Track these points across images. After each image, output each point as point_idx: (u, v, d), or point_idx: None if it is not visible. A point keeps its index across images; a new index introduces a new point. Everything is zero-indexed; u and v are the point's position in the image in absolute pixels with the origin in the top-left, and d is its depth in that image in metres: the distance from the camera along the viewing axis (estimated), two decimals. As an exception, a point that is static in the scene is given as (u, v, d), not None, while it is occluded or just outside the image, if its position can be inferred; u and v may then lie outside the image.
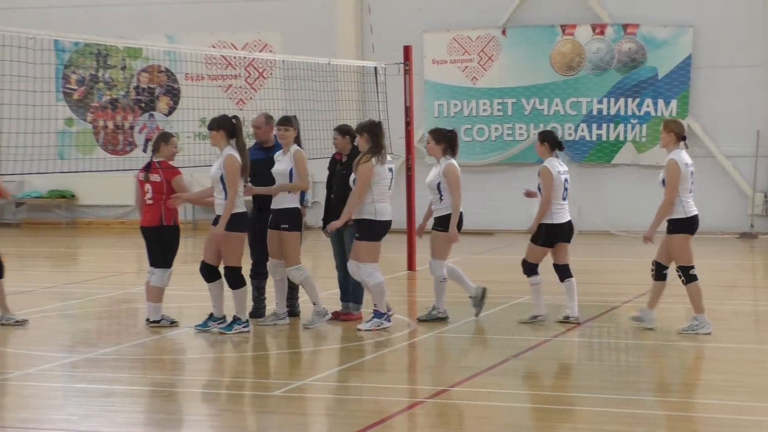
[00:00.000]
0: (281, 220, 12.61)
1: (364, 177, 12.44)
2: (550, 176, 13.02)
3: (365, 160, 12.51)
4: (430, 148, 13.15)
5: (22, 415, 9.35)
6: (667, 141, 12.41)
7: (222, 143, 12.28)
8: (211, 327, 12.40)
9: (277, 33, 25.72)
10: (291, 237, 12.63)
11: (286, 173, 12.62)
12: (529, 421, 9.12)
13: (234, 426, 9.00)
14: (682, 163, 12.28)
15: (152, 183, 12.75)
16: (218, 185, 12.24)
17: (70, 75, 26.89)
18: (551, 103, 24.32)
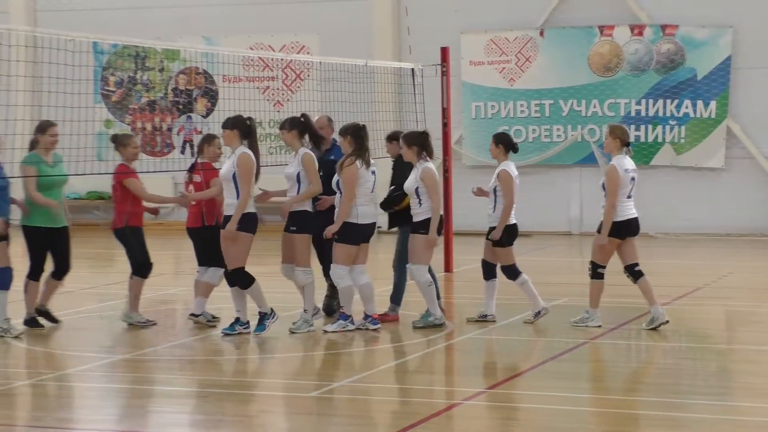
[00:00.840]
0: (290, 222, 12.52)
1: (351, 180, 12.47)
2: (510, 180, 13.07)
3: (349, 163, 12.52)
4: (404, 153, 12.89)
5: (61, 415, 9.40)
6: (612, 146, 12.86)
7: (235, 143, 12.21)
8: (237, 331, 12.33)
9: (314, 35, 25.75)
10: (300, 239, 12.51)
11: (293, 176, 12.50)
12: (567, 423, 9.08)
13: (271, 427, 9.02)
14: (622, 169, 12.76)
15: (195, 184, 12.89)
16: (229, 185, 12.11)
17: (108, 77, 27.03)
18: (589, 105, 24.23)
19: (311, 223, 12.62)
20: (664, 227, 23.75)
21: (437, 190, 12.77)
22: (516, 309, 13.80)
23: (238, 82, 24.68)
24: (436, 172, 12.83)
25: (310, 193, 12.52)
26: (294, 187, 12.53)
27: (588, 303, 12.95)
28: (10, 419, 9.28)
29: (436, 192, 12.71)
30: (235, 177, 12.03)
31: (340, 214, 12.53)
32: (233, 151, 12.25)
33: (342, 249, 12.56)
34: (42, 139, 12.77)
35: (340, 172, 12.55)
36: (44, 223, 12.67)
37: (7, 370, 11.01)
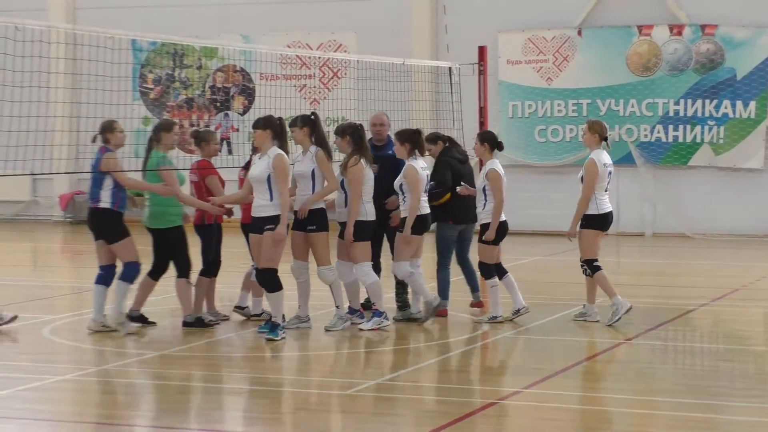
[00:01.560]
0: (308, 221, 12.41)
1: (358, 179, 12.53)
2: (500, 179, 13.08)
3: (355, 162, 12.56)
4: (396, 149, 12.96)
5: (98, 410, 9.46)
6: (591, 141, 13.20)
7: (267, 144, 12.02)
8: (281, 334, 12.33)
9: (351, 33, 25.78)
10: (319, 237, 12.44)
11: (307, 174, 12.42)
12: (603, 424, 9.05)
13: (306, 425, 9.03)
14: (601, 163, 13.06)
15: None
16: (262, 186, 11.92)
17: (146, 74, 27.16)
18: (627, 104, 24.15)
19: (327, 221, 12.59)
20: (701, 228, 23.63)
21: (417, 188, 12.74)
22: (552, 309, 13.77)
23: (276, 80, 24.72)
24: (419, 171, 12.78)
25: (327, 190, 12.49)
26: (308, 185, 12.43)
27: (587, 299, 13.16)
28: (52, 414, 9.34)
29: (414, 190, 12.74)
30: (270, 179, 11.91)
31: (353, 214, 12.53)
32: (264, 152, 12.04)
33: (360, 247, 12.60)
34: (166, 137, 12.81)
35: (345, 172, 12.56)
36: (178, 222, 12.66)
37: (49, 365, 11.08)
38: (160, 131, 12.77)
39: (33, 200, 28.11)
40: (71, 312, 14.64)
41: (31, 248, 23.70)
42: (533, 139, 24.61)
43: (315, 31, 25.98)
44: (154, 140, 12.72)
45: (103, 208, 12.45)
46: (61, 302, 15.60)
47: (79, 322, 13.73)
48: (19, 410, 9.34)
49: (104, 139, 12.69)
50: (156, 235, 12.68)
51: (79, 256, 22.31)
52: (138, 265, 12.47)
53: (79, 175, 26.76)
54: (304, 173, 12.45)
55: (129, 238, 12.45)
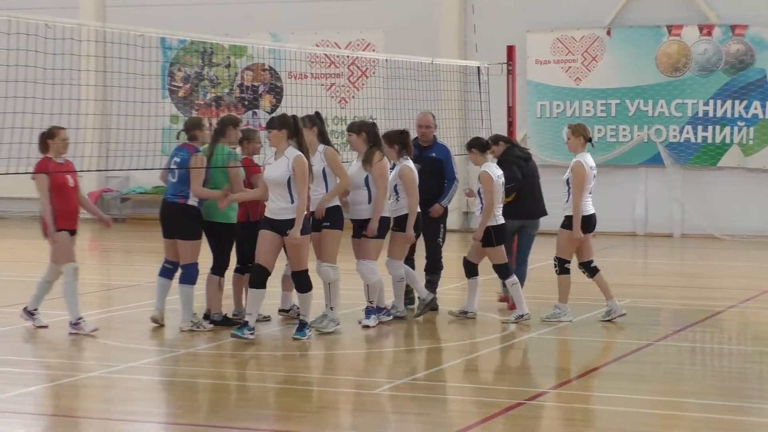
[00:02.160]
0: (323, 218, 12.33)
1: (384, 175, 12.55)
2: (491, 181, 13.07)
3: (379, 158, 12.55)
4: (386, 151, 12.92)
5: (127, 407, 9.49)
6: (576, 144, 13.22)
7: (283, 144, 11.82)
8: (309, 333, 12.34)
9: (380, 32, 25.79)
10: (332, 234, 12.38)
11: (319, 173, 12.31)
12: (630, 425, 9.02)
13: (332, 423, 9.04)
14: (587, 166, 13.12)
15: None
16: (282, 189, 11.73)
17: (175, 72, 27.24)
18: (656, 105, 24.06)
19: (343, 219, 12.53)
20: (730, 229, 23.53)
21: (414, 188, 12.85)
22: (579, 309, 13.74)
23: (304, 79, 24.76)
24: (414, 171, 12.80)
25: (340, 188, 12.41)
26: (321, 184, 12.35)
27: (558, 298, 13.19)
28: (78, 411, 9.38)
29: (412, 190, 12.85)
30: (290, 181, 11.70)
31: (378, 210, 12.53)
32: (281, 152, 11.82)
33: (376, 244, 12.61)
34: (232, 133, 12.85)
35: (369, 168, 12.54)
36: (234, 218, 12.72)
37: (77, 362, 11.13)
38: (227, 125, 12.76)
39: (62, 197, 28.20)
40: (99, 309, 14.69)
41: (59, 245, 23.76)
42: (561, 139, 24.50)
43: (344, 30, 26.00)
44: (220, 135, 12.69)
45: (190, 206, 12.48)
46: (89, 299, 15.66)
47: (108, 320, 13.81)
48: (48, 406, 9.39)
49: (192, 136, 12.73)
50: (217, 229, 12.63)
51: (107, 253, 22.40)
52: (195, 265, 12.53)
53: (108, 173, 26.88)
54: (315, 173, 12.29)
55: (199, 240, 12.49)
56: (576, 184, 13.04)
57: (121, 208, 27.62)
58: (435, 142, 13.94)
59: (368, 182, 12.63)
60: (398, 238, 12.94)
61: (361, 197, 12.68)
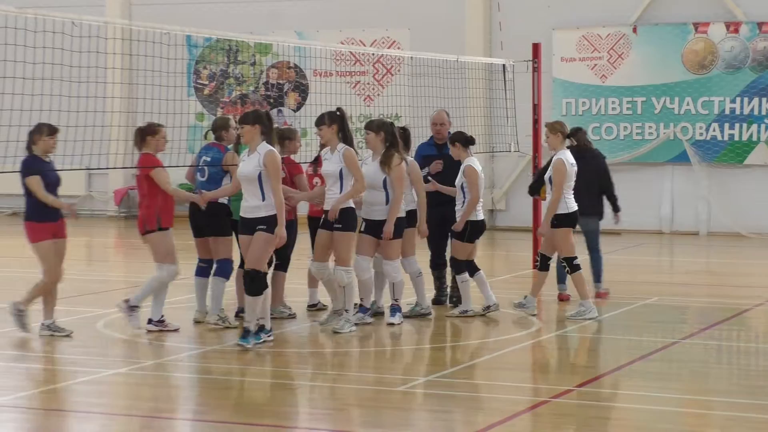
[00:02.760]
0: (335, 220, 12.15)
1: (403, 177, 12.52)
2: (476, 174, 13.11)
3: (398, 161, 12.47)
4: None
5: (152, 404, 9.51)
6: (555, 142, 13.25)
7: (256, 140, 11.36)
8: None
9: (405, 30, 25.78)
10: (345, 237, 12.19)
11: (336, 173, 12.16)
12: (657, 423, 8.99)
13: (358, 420, 9.04)
14: (568, 163, 13.10)
15: (319, 176, 12.94)
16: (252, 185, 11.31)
17: (201, 70, 27.30)
18: (682, 102, 23.97)
19: (356, 221, 12.39)
20: (757, 227, 23.42)
21: (421, 184, 13.00)
22: (605, 308, 13.70)
23: (329, 77, 24.78)
24: (403, 169, 12.61)
25: (356, 190, 12.22)
26: (336, 184, 12.18)
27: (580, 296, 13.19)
28: (106, 408, 9.41)
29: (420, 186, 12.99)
30: (261, 177, 11.27)
31: (394, 212, 12.46)
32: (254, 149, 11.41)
33: (397, 244, 12.57)
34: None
35: (388, 171, 12.41)
36: None
37: (103, 359, 11.16)
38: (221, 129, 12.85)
39: (88, 195, 28.35)
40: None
41: (85, 242, 23.88)
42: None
43: (369, 27, 26.00)
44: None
45: (220, 204, 12.51)
46: (115, 296, 15.68)
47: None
48: (75, 403, 9.42)
49: (219, 136, 12.79)
50: None
51: (133, 250, 22.45)
52: (232, 262, 12.57)
53: (133, 170, 26.96)
54: (332, 172, 12.18)
55: (231, 237, 12.58)
56: (558, 181, 13.07)
57: (146, 205, 27.65)
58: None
59: (386, 184, 12.53)
60: (407, 234, 12.88)
61: (379, 198, 12.55)
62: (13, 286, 16.09)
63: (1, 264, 19.53)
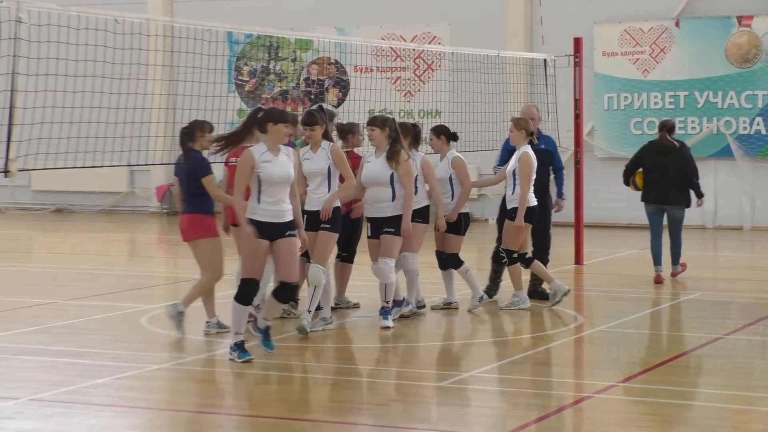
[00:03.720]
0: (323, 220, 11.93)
1: (412, 173, 12.43)
2: (465, 165, 13.31)
3: (407, 157, 12.37)
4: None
5: (194, 399, 9.55)
6: (518, 138, 13.25)
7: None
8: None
9: (445, 25, 25.74)
10: (329, 237, 11.94)
11: (324, 172, 11.95)
12: (702, 420, 8.93)
13: (402, 416, 9.03)
14: (533, 157, 13.15)
15: None
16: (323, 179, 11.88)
17: (242, 67, 27.37)
18: (725, 96, 23.80)
19: (341, 222, 12.16)
20: (801, 222, 23.25)
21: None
22: (647, 303, 13.64)
23: (369, 73, 24.79)
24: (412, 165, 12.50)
25: (347, 188, 12.00)
26: (324, 183, 11.96)
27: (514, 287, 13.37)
28: (148, 402, 9.45)
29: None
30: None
31: (408, 209, 12.30)
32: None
33: (397, 243, 12.41)
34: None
35: (396, 166, 12.23)
36: None
37: (145, 354, 11.21)
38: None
39: (130, 191, 28.49)
40: (168, 301, 14.79)
41: (128, 239, 24.02)
42: (629, 131, 24.38)
43: (409, 23, 25.98)
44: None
45: None
46: (157, 292, 15.79)
47: (176, 312, 13.89)
48: (117, 398, 9.46)
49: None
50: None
51: (175, 246, 22.55)
52: None
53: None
54: (319, 171, 11.93)
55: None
56: (526, 175, 13.07)
57: (188, 201, 27.74)
58: (540, 134, 14.17)
59: (393, 180, 12.33)
60: (416, 229, 12.67)
61: (384, 195, 12.34)
62: (55, 282, 16.21)
63: (45, 260, 19.67)
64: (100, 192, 28.37)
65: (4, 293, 15.01)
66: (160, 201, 27.83)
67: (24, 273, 17.40)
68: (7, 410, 8.95)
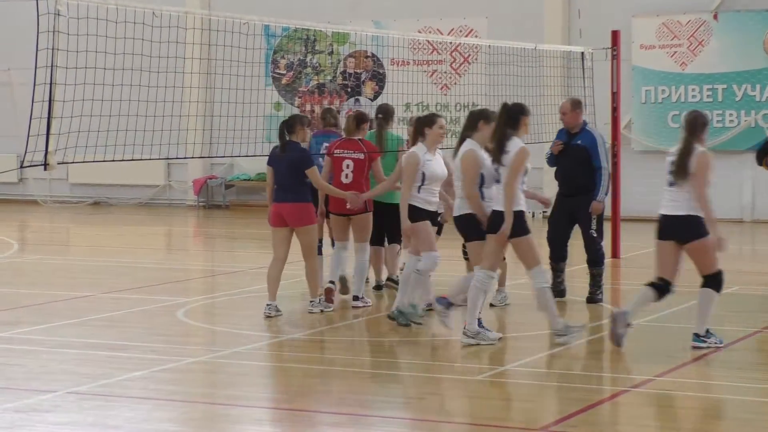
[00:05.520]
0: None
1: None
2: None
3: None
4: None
5: (230, 392, 9.57)
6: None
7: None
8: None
9: (482, 18, 25.68)
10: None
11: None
12: (738, 413, 8.89)
13: (438, 409, 9.03)
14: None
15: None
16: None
17: (279, 60, 27.40)
18: (764, 90, 23.63)
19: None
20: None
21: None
22: (686, 296, 13.55)
23: (406, 66, 24.75)
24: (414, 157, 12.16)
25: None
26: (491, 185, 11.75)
27: None
28: (185, 395, 9.48)
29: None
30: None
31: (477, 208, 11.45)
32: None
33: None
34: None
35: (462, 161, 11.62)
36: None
37: (183, 347, 11.26)
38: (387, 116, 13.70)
39: (167, 184, 28.59)
40: (205, 295, 14.85)
41: (165, 232, 24.12)
42: (667, 124, 24.25)
43: (446, 16, 25.93)
44: (384, 123, 13.65)
45: None
46: (195, 285, 15.84)
47: (212, 305, 13.94)
48: (154, 390, 9.50)
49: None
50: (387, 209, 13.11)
51: (212, 240, 22.62)
52: None
53: (213, 159, 27.16)
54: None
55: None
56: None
57: (225, 194, 27.89)
58: (583, 129, 13.62)
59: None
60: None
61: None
62: (92, 275, 16.29)
63: (82, 253, 19.77)
64: (137, 185, 28.49)
65: (42, 286, 15.11)
66: (197, 194, 27.91)
67: (61, 266, 17.50)
68: (45, 403, 9.01)
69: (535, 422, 8.59)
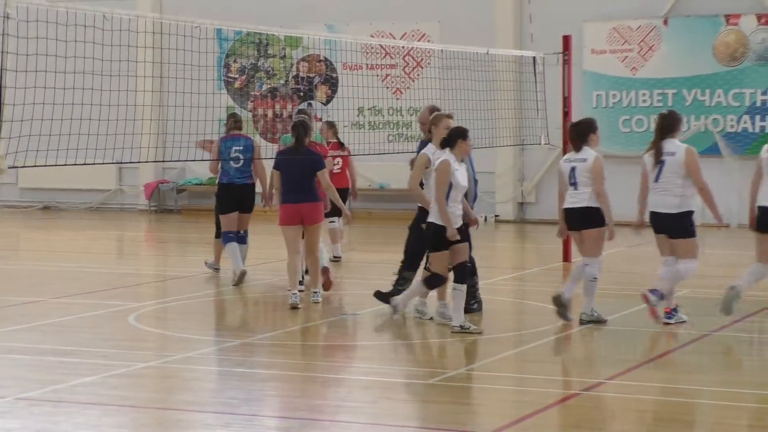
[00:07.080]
0: None
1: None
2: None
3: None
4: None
5: (182, 397, 9.53)
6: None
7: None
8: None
9: (435, 23, 25.74)
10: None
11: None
12: (687, 416, 8.95)
13: (389, 414, 9.03)
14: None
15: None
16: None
17: (231, 64, 27.34)
18: (713, 95, 23.85)
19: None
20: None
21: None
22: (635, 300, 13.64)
23: (359, 70, 24.76)
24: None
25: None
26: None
27: None
28: (136, 401, 9.43)
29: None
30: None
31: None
32: None
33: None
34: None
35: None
36: None
37: (134, 352, 11.20)
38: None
39: (118, 189, 28.46)
40: (156, 299, 14.79)
41: (116, 236, 23.98)
42: (617, 129, 24.42)
43: (399, 20, 25.98)
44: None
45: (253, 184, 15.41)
46: (146, 290, 15.77)
47: (163, 310, 13.88)
48: (105, 396, 9.45)
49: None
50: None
51: (163, 244, 22.53)
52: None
53: (164, 164, 27.06)
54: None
55: None
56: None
57: (176, 199, 27.78)
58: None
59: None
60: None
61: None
62: (43, 280, 16.18)
63: (32, 258, 19.63)
64: (88, 189, 28.33)
65: (-8, 291, 14.98)
66: (148, 199, 27.79)
67: (11, 271, 17.37)
68: (-6, 408, 8.94)
69: (487, 426, 8.61)
